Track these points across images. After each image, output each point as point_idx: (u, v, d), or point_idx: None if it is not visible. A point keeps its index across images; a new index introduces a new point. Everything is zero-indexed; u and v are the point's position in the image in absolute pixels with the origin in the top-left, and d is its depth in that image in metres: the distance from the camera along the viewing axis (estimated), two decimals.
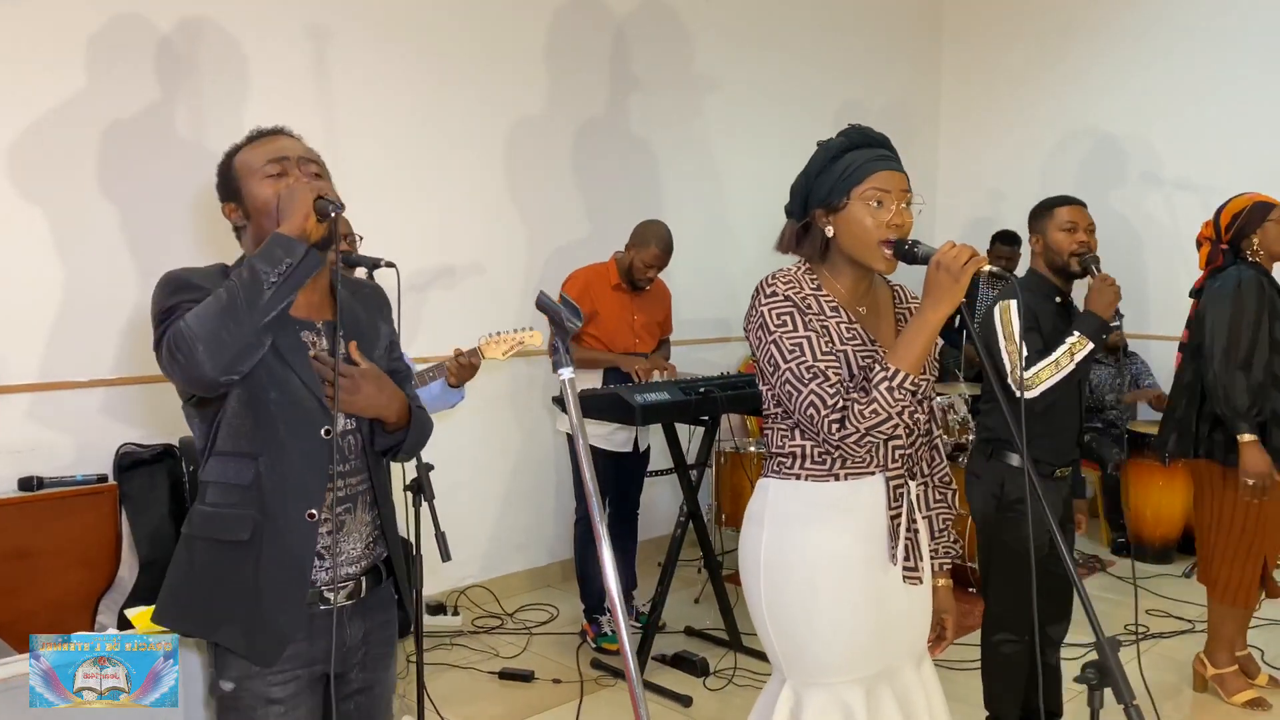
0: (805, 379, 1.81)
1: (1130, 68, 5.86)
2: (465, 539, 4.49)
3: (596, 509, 1.40)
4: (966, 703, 3.38)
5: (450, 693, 3.56)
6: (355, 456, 1.74)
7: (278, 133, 1.77)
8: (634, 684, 1.41)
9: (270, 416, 1.64)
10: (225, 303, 1.53)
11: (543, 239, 4.71)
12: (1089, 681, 1.44)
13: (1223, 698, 3.49)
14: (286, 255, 1.55)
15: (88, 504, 3.32)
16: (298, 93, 3.90)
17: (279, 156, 1.70)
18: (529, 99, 4.65)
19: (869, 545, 1.90)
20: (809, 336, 1.83)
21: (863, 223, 1.84)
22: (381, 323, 1.88)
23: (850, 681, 1.90)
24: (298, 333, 1.69)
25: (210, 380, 1.55)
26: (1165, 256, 5.62)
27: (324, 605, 1.69)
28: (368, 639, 1.79)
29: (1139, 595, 4.63)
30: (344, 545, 1.71)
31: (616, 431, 3.95)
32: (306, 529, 1.66)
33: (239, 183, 1.71)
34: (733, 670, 3.72)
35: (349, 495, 1.72)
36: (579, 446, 1.40)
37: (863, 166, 1.85)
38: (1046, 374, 2.72)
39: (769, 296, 1.86)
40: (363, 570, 1.76)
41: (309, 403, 1.67)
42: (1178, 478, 5.01)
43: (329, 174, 1.78)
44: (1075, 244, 2.87)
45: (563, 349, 1.41)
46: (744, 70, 5.55)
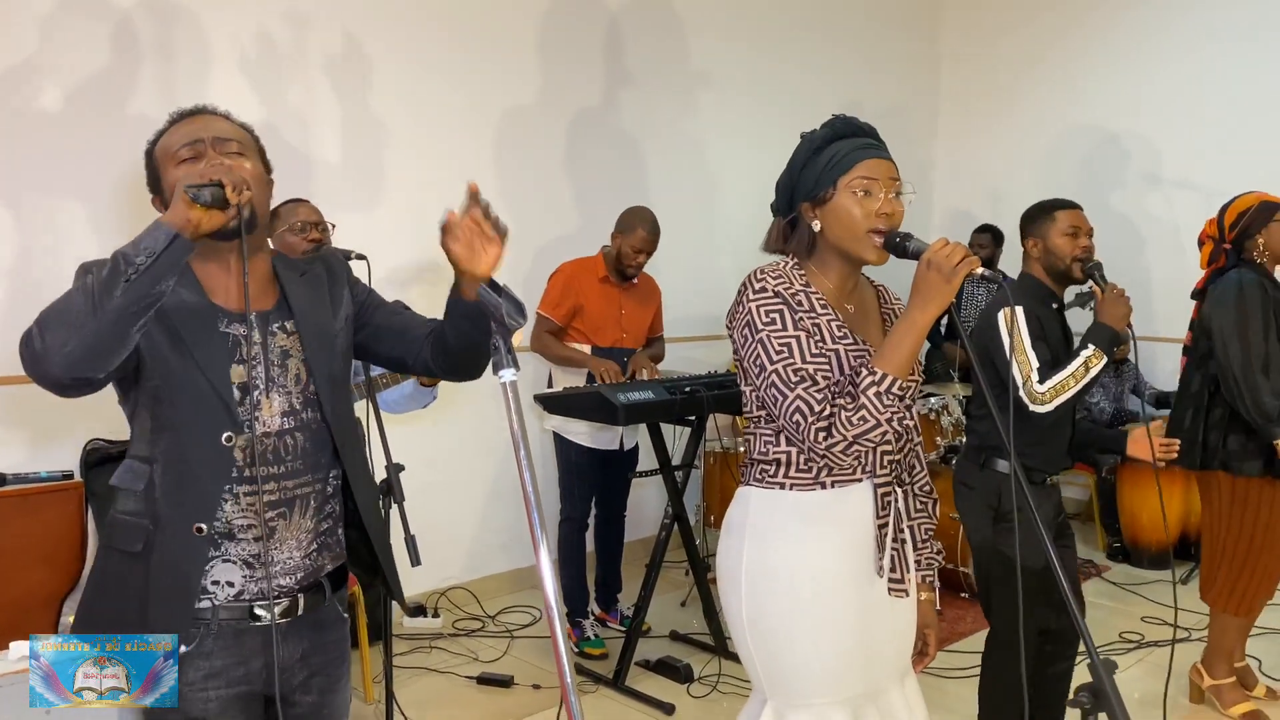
0: (792, 382, 1.71)
1: (1130, 65, 5.77)
2: (447, 539, 4.41)
3: (536, 515, 1.30)
4: (954, 713, 3.30)
5: (427, 697, 3.47)
6: (294, 457, 1.60)
7: (199, 112, 1.63)
8: (568, 692, 1.33)
9: (168, 420, 1.52)
10: (74, 295, 1.40)
11: (529, 234, 4.61)
12: (1083, 705, 1.36)
13: (1219, 709, 3.41)
14: (152, 246, 1.39)
15: (52, 501, 3.22)
16: (274, 80, 3.80)
17: (194, 139, 1.57)
18: (516, 90, 4.55)
19: (855, 559, 1.81)
20: (798, 336, 1.73)
21: (851, 213, 1.75)
22: (341, 291, 1.73)
23: (835, 703, 1.80)
24: (217, 328, 1.56)
25: (55, 379, 1.39)
26: (1167, 256, 5.53)
27: (254, 621, 1.57)
28: (308, 659, 1.65)
29: (1134, 602, 4.56)
30: (276, 555, 1.58)
31: (600, 429, 3.86)
32: (195, 543, 1.53)
33: (159, 171, 1.60)
34: (717, 677, 3.63)
35: (284, 499, 1.58)
36: (518, 451, 1.28)
37: (849, 155, 1.76)
38: (1065, 387, 2.63)
39: (758, 292, 1.77)
40: (299, 584, 1.62)
41: (212, 406, 1.53)
42: (1175, 482, 4.94)
43: (257, 150, 1.64)
44: (1079, 249, 2.77)
45: (504, 349, 1.29)
46: (738, 66, 5.45)
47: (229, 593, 1.56)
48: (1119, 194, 5.78)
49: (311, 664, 1.66)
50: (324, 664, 1.69)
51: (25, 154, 3.29)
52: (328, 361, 1.66)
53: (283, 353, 1.61)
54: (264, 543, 1.56)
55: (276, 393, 1.59)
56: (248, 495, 1.55)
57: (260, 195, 1.59)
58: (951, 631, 4.13)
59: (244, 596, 1.57)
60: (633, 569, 4.38)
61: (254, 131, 1.67)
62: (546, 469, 4.68)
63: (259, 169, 1.62)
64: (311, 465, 1.62)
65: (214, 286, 1.59)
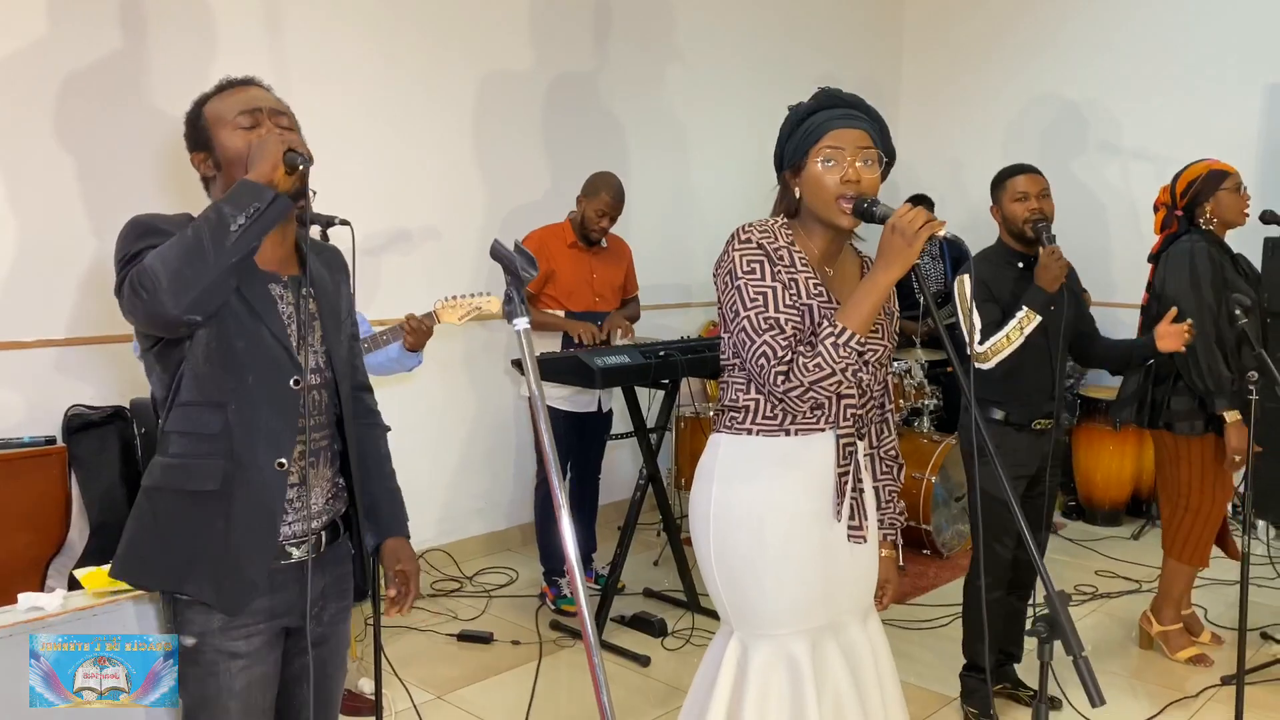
0: (760, 329, 1.83)
1: (1088, 38, 5.88)
2: (424, 503, 4.47)
3: (555, 474, 1.39)
4: (918, 661, 3.46)
5: (409, 655, 3.55)
6: (321, 412, 1.73)
7: (249, 83, 1.74)
8: (591, 647, 1.41)
9: (239, 365, 1.62)
10: (191, 241, 1.50)
11: (502, 203, 4.66)
12: (1039, 634, 1.47)
13: (1167, 654, 3.59)
14: (254, 200, 1.53)
15: (36, 466, 3.24)
16: (250, 47, 3.80)
17: (251, 108, 1.67)
18: (492, 61, 4.57)
19: (816, 501, 1.93)
20: (774, 288, 1.84)
21: (820, 180, 1.86)
22: (344, 284, 1.86)
23: (796, 633, 1.93)
24: (266, 284, 1.67)
25: (173, 318, 1.51)
26: (1124, 224, 5.68)
27: (285, 559, 1.69)
28: (325, 593, 1.78)
29: (1089, 557, 4.75)
30: (307, 500, 1.70)
31: (579, 393, 3.94)
32: (276, 478, 1.65)
33: (209, 133, 1.68)
34: (690, 631, 3.76)
35: (314, 450, 1.71)
36: (536, 405, 1.38)
37: (821, 126, 1.87)
38: (999, 347, 2.86)
39: (742, 243, 1.88)
40: (323, 525, 1.75)
41: (277, 352, 1.65)
42: (1128, 442, 5.12)
43: (299, 127, 1.76)
44: (1027, 212, 2.97)
45: (517, 299, 1.39)
46: (709, 39, 5.50)
47: None
48: (1077, 163, 5.91)
49: (328, 595, 1.79)
50: (336, 595, 1.81)
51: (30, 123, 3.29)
52: (336, 333, 1.77)
53: (310, 316, 1.73)
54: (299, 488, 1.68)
55: (309, 351, 1.71)
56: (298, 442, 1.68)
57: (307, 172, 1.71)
58: (914, 586, 4.28)
59: (282, 536, 1.68)
60: (605, 530, 4.48)
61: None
62: (522, 435, 4.77)
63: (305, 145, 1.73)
64: (329, 422, 1.76)
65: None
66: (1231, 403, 3.20)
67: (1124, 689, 3.37)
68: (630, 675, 3.46)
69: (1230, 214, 3.33)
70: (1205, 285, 3.23)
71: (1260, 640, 3.69)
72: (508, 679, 3.44)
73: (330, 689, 1.85)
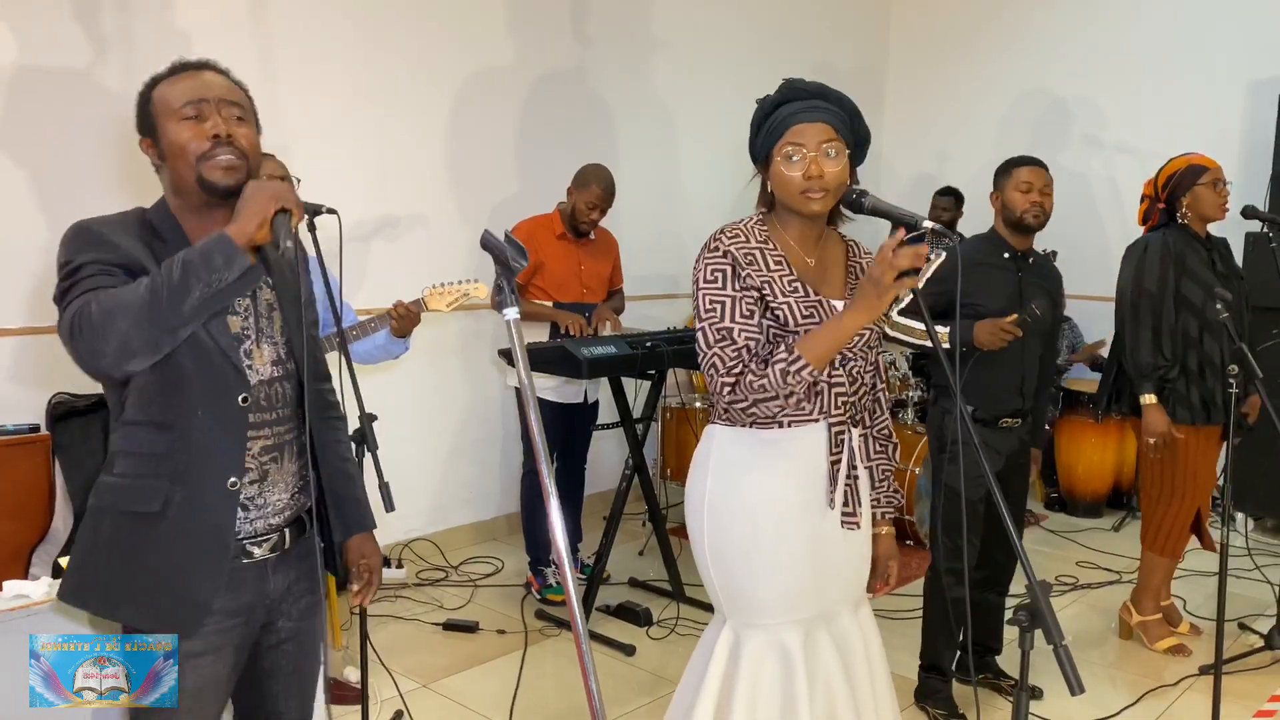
0: (712, 341, 1.86)
1: (1076, 30, 5.90)
2: (410, 492, 4.46)
3: (545, 463, 1.39)
4: (900, 649, 3.48)
5: (395, 644, 3.56)
6: (283, 404, 1.68)
7: (202, 67, 1.64)
8: (581, 637, 1.41)
9: (183, 385, 1.56)
10: (144, 304, 1.42)
11: (489, 191, 4.65)
12: (1020, 623, 1.48)
13: (1146, 644, 3.63)
14: (224, 269, 1.45)
15: (19, 454, 3.23)
16: (235, 33, 3.78)
17: (197, 98, 1.58)
18: (480, 48, 4.56)
19: (809, 491, 1.95)
20: (733, 297, 1.86)
21: (785, 176, 1.88)
22: (304, 273, 1.77)
23: (788, 623, 1.95)
24: None
25: (106, 373, 1.47)
26: (1108, 216, 5.72)
27: (246, 559, 1.65)
28: (291, 588, 1.74)
29: (1070, 548, 4.79)
30: (269, 497, 1.66)
31: (566, 383, 3.94)
32: (227, 498, 1.60)
33: (155, 119, 1.60)
34: (675, 620, 3.77)
35: (276, 444, 1.66)
36: (526, 396, 1.38)
37: (783, 121, 1.88)
38: (898, 332, 2.90)
39: (710, 251, 1.90)
40: (286, 521, 1.71)
41: (225, 370, 1.58)
42: (1110, 435, 5.16)
43: (254, 114, 1.66)
44: (1028, 203, 3.01)
45: (508, 289, 1.39)
46: (696, 30, 5.50)
47: None
48: (1063, 156, 5.93)
49: (295, 592, 1.75)
50: (304, 591, 1.77)
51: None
52: (295, 323, 1.70)
53: (268, 305, 1.67)
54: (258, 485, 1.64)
55: (266, 343, 1.65)
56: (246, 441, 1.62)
57: (258, 164, 1.64)
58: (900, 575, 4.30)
59: (239, 536, 1.63)
60: (591, 520, 4.49)
61: (248, 90, 1.69)
62: (508, 425, 4.78)
63: (255, 137, 1.65)
64: (296, 412, 1.70)
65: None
66: (1152, 388, 3.30)
67: (1103, 678, 3.41)
68: (615, 664, 3.47)
69: (1207, 209, 3.36)
70: (1149, 275, 3.33)
71: (1238, 631, 3.73)
72: (493, 668, 3.45)
73: (304, 683, 1.82)
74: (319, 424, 1.81)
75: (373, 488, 2.70)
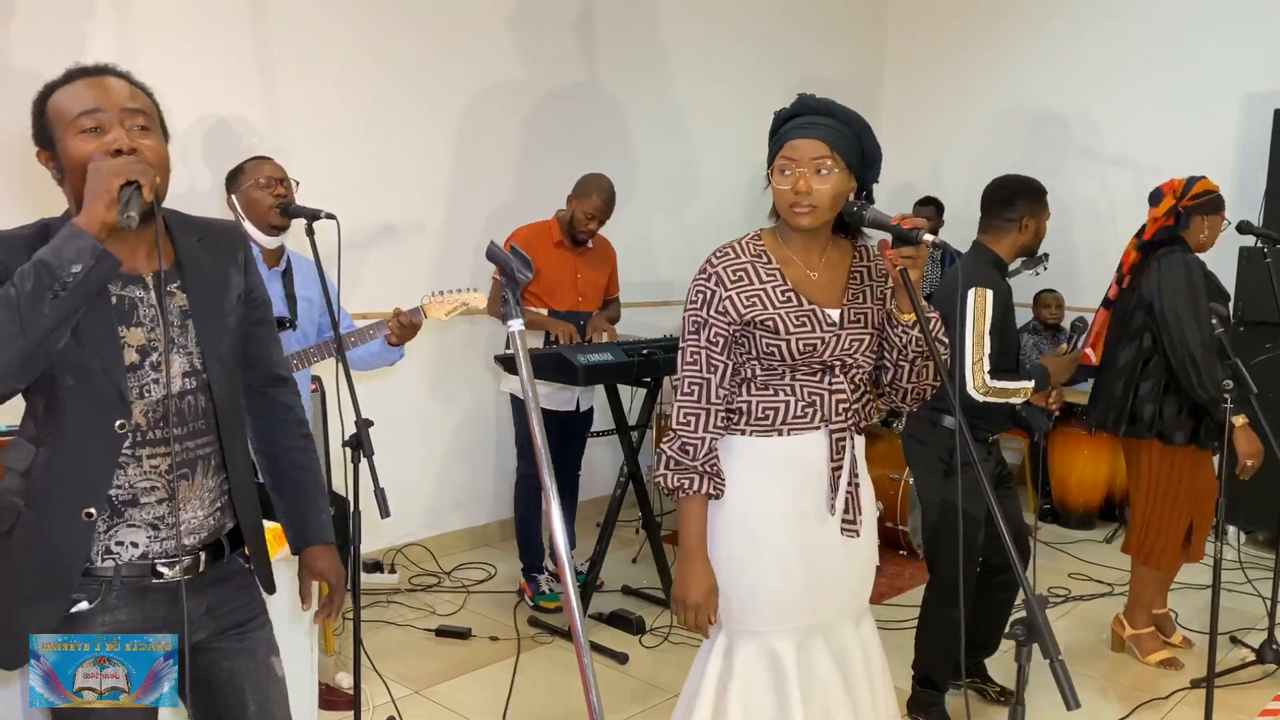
0: (686, 362, 1.94)
1: (1069, 44, 5.93)
2: (404, 498, 4.45)
3: (547, 473, 1.39)
4: (897, 661, 3.47)
5: (387, 649, 3.55)
6: (196, 418, 1.57)
7: (101, 72, 1.50)
8: (581, 647, 1.41)
9: (59, 404, 1.46)
10: (4, 317, 1.34)
11: (487, 198, 4.66)
12: (1017, 637, 1.49)
13: (1138, 657, 3.63)
14: (75, 260, 1.34)
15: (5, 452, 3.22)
16: (234, 39, 3.78)
17: (93, 107, 1.45)
18: (481, 55, 4.57)
19: (807, 499, 1.96)
20: (709, 319, 1.91)
21: (779, 190, 1.91)
22: (234, 270, 1.65)
23: (781, 632, 1.95)
24: (110, 304, 1.49)
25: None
26: (1102, 228, 5.73)
27: (156, 579, 1.56)
28: (214, 612, 1.64)
29: (1062, 560, 4.80)
30: (181, 515, 1.56)
31: (559, 391, 3.94)
32: (79, 528, 1.48)
33: (51, 131, 1.48)
34: (668, 628, 3.77)
35: (186, 460, 1.56)
36: (529, 403, 1.38)
37: (782, 136, 1.91)
38: (1003, 394, 2.87)
39: (700, 273, 1.95)
40: (202, 543, 1.61)
41: (106, 391, 1.47)
42: (1102, 447, 5.17)
43: (161, 122, 1.54)
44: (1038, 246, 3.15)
45: (513, 300, 1.38)
46: (694, 42, 5.52)
47: (133, 553, 1.55)
48: (1056, 168, 5.96)
49: (219, 617, 1.66)
50: (231, 615, 1.68)
51: None
52: (216, 330, 1.60)
53: (182, 313, 1.57)
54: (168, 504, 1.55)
55: (178, 353, 1.55)
56: (151, 459, 1.53)
57: (166, 178, 1.53)
58: (890, 586, 4.32)
59: (148, 556, 1.56)
60: (584, 527, 4.49)
61: (153, 95, 1.57)
62: (502, 430, 4.77)
63: (163, 148, 1.53)
64: (212, 428, 1.61)
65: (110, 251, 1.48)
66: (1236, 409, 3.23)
67: (1095, 690, 3.42)
68: (609, 672, 3.47)
69: (1213, 238, 3.42)
70: (1202, 297, 3.29)
71: (1230, 644, 3.74)
72: (486, 674, 3.44)
73: (265, 703, 1.71)
74: (270, 427, 1.75)
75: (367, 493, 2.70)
